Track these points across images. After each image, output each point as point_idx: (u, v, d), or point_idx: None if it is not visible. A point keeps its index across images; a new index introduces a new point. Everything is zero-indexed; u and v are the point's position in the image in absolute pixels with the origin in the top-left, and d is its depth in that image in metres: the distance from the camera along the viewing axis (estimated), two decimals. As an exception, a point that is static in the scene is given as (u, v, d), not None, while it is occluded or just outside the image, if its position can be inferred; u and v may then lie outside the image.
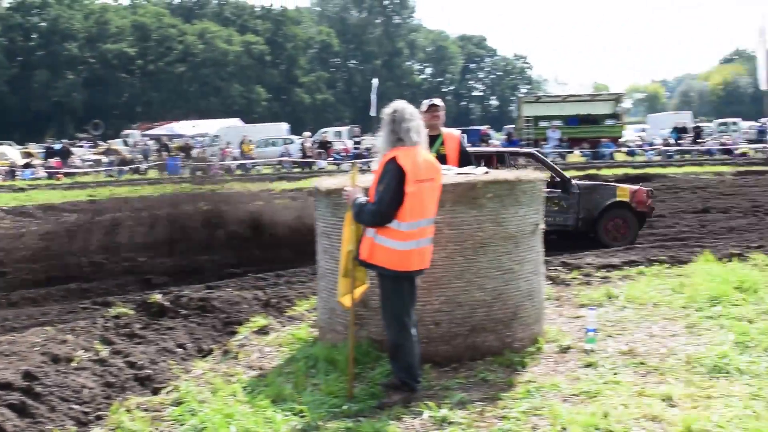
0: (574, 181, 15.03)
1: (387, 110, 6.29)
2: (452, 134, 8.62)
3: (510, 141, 45.96)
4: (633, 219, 14.80)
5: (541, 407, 6.00)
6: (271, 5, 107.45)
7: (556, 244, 12.95)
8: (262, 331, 8.64)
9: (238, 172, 42.63)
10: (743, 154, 44.07)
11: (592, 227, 14.68)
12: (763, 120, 51.62)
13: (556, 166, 15.81)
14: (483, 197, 7.09)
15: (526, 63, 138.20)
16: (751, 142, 48.87)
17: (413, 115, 6.24)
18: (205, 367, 7.42)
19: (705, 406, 5.92)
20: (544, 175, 14.93)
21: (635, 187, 15.53)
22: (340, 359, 6.93)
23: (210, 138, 55.64)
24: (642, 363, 7.04)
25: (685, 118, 57.83)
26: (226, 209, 14.80)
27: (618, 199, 14.72)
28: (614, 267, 11.50)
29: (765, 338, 7.54)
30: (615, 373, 6.76)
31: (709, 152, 44.74)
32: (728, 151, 44.47)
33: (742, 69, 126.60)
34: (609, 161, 40.81)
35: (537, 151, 19.62)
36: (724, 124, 59.26)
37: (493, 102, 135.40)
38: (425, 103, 8.44)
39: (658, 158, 43.35)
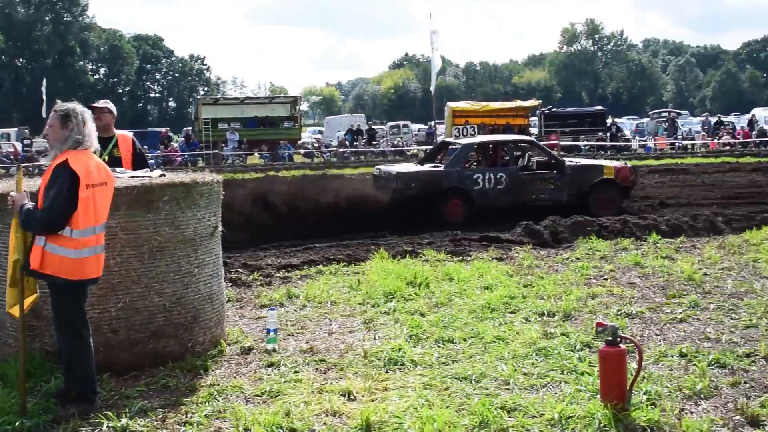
0: (567, 163, 17.52)
1: (57, 111, 5.98)
2: (126, 136, 8.49)
3: (189, 143, 45.37)
4: (617, 193, 17.24)
5: (224, 410, 6.00)
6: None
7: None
8: None
9: None
10: (414, 156, 46.29)
11: (584, 201, 16.81)
12: (431, 123, 54.47)
13: (551, 151, 19.26)
14: (159, 200, 6.97)
15: (204, 64, 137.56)
16: (420, 143, 51.34)
17: (84, 116, 5.98)
18: None
19: (382, 398, 6.17)
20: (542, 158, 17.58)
21: (619, 164, 17.86)
22: (10, 374, 6.55)
23: None
24: (322, 360, 7.23)
25: (359, 121, 59.70)
26: None
27: (605, 176, 17.14)
28: (294, 267, 11.70)
29: (436, 330, 7.98)
30: (296, 372, 6.89)
31: (383, 153, 46.50)
32: (401, 153, 46.42)
33: (411, 74, 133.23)
34: (288, 163, 41.38)
35: (534, 138, 24.97)
36: (396, 126, 61.84)
37: (172, 104, 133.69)
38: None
39: (334, 160, 44.49)
